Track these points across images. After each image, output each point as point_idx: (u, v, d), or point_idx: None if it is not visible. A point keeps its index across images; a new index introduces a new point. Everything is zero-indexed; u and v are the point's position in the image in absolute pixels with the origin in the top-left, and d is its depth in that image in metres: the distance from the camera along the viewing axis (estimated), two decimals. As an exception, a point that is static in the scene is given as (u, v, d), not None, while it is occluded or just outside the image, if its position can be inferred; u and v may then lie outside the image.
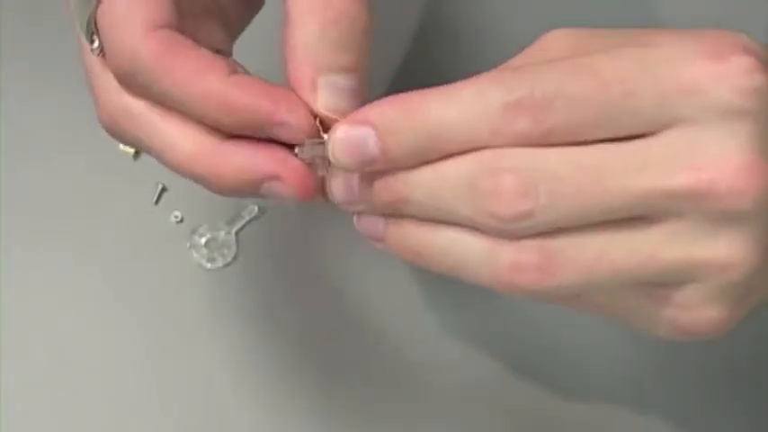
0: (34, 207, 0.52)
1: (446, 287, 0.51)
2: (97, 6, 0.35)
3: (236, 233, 0.52)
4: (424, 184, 0.33)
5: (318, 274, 0.52)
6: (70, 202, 0.52)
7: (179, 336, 0.50)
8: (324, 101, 0.33)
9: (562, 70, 0.31)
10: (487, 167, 0.31)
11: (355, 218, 0.35)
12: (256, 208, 0.52)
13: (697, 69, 0.31)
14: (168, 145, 0.35)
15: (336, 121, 0.33)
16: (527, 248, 0.32)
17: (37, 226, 0.52)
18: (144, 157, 0.53)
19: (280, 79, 0.34)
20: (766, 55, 0.32)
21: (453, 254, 0.33)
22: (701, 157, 0.31)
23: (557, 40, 0.34)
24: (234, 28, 0.39)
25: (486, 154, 0.31)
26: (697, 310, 0.33)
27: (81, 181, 0.53)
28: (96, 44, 0.35)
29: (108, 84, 0.35)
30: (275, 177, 0.34)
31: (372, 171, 0.33)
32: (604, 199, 0.31)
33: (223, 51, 0.37)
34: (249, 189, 0.34)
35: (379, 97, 0.33)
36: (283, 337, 0.50)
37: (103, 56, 0.35)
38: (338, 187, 0.34)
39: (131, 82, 0.34)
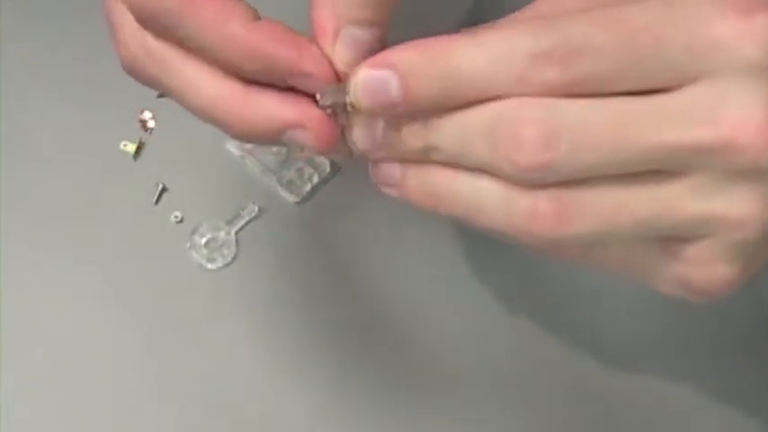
0: (34, 207, 0.52)
1: (449, 283, 0.51)
2: None
3: (236, 233, 0.52)
4: (447, 130, 0.33)
5: (318, 273, 0.52)
6: (70, 202, 0.52)
7: (179, 336, 0.50)
8: (342, 53, 0.34)
9: (592, 20, 0.31)
10: (510, 116, 0.31)
11: (371, 166, 0.35)
12: (256, 208, 0.52)
13: (725, 25, 0.31)
14: (190, 87, 0.34)
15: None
16: (545, 196, 0.32)
17: (37, 226, 0.52)
18: (144, 156, 0.53)
19: (302, 27, 0.34)
20: None
21: (471, 198, 0.33)
22: (725, 113, 0.31)
23: None
24: None
25: (510, 102, 0.31)
26: (708, 267, 0.33)
27: (81, 181, 0.53)
28: None
29: (131, 22, 0.35)
30: (299, 125, 0.34)
31: (394, 116, 0.33)
32: (626, 152, 0.31)
33: None
34: (271, 135, 0.34)
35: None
36: (283, 337, 0.50)
37: None
38: (359, 134, 0.34)
39: (154, 23, 0.34)
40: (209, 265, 0.51)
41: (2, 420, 0.49)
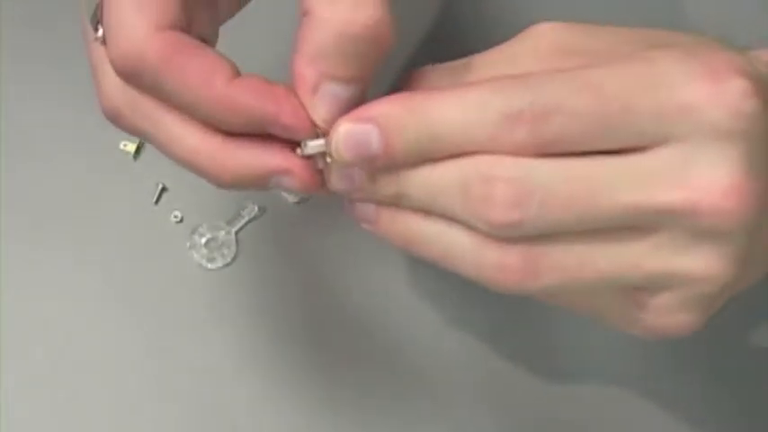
0: (34, 207, 0.52)
1: (448, 285, 0.51)
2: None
3: (236, 233, 0.52)
4: (421, 181, 0.33)
5: (318, 273, 0.52)
6: (70, 202, 0.52)
7: (179, 336, 0.50)
8: (321, 109, 0.34)
9: (563, 83, 0.32)
10: (482, 173, 0.32)
11: (345, 203, 0.36)
12: (256, 208, 0.52)
13: (694, 90, 0.31)
14: (172, 139, 0.35)
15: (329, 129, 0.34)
16: (513, 251, 0.33)
17: (37, 226, 0.52)
18: (144, 156, 0.53)
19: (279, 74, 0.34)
20: (762, 74, 0.32)
21: (442, 246, 0.34)
22: (692, 177, 0.31)
23: (543, 34, 0.34)
24: (222, 17, 0.39)
25: (483, 160, 0.32)
26: (668, 316, 0.34)
27: (81, 181, 0.53)
28: (101, 32, 0.35)
29: (113, 74, 0.35)
30: (283, 173, 0.34)
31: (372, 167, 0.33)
32: (594, 212, 0.32)
33: (210, 39, 0.37)
34: (256, 183, 0.35)
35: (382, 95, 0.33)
36: (283, 337, 0.50)
37: (105, 44, 0.35)
38: (337, 180, 0.35)
39: (135, 80, 0.34)
40: (209, 265, 0.51)
41: (2, 420, 0.49)
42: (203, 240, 0.52)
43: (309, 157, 0.34)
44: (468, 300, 0.51)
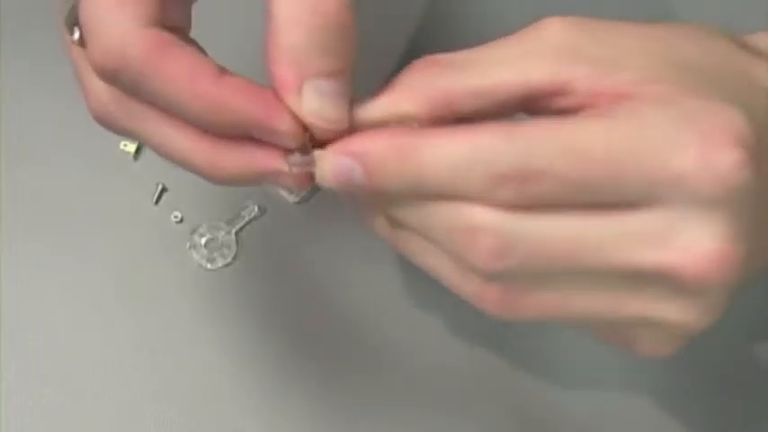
0: (34, 207, 0.52)
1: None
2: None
3: (236, 233, 0.52)
4: (407, 210, 0.34)
5: (318, 273, 0.52)
6: (70, 202, 0.52)
7: (179, 336, 0.50)
8: (309, 106, 0.33)
9: (551, 143, 0.31)
10: (467, 222, 0.32)
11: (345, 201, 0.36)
12: (256, 208, 0.52)
13: (685, 159, 0.31)
14: (164, 140, 0.34)
15: (322, 129, 0.33)
16: (493, 286, 0.33)
17: (37, 226, 0.52)
18: (144, 156, 0.53)
19: (257, 77, 0.34)
20: (759, 135, 0.32)
21: (430, 262, 0.35)
22: (677, 240, 0.31)
23: (553, 33, 0.33)
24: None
25: (468, 208, 0.32)
26: (643, 345, 0.35)
27: (81, 181, 0.53)
28: (77, 35, 0.35)
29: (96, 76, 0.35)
30: (276, 173, 0.34)
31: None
32: (578, 268, 0.32)
33: (184, 26, 0.36)
34: (251, 182, 0.35)
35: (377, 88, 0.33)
36: (283, 337, 0.50)
37: (83, 46, 0.34)
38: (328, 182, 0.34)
39: (117, 79, 0.34)
40: (209, 265, 0.51)
41: (2, 420, 0.49)
42: (203, 240, 0.52)
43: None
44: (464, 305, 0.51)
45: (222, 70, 0.33)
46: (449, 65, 0.34)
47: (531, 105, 0.34)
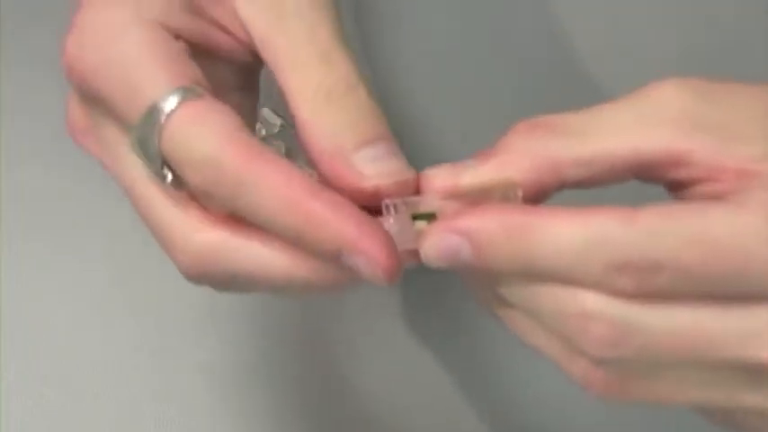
0: (35, 207, 0.52)
1: (448, 292, 0.51)
2: (162, 130, 0.32)
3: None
4: (517, 292, 0.32)
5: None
6: (70, 202, 0.52)
7: (179, 336, 0.50)
8: (369, 175, 0.33)
9: (675, 233, 0.30)
10: (581, 308, 0.31)
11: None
12: (256, 208, 0.52)
13: None
14: (266, 266, 0.33)
15: (392, 187, 0.33)
16: (602, 370, 0.32)
17: (37, 226, 0.52)
18: (144, 157, 0.53)
19: None
20: None
21: (539, 342, 0.33)
22: None
23: (669, 100, 0.32)
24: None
25: (583, 296, 0.31)
26: (750, 427, 0.33)
27: (81, 181, 0.53)
28: (170, 177, 0.33)
29: (185, 224, 0.34)
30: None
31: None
32: (693, 361, 0.31)
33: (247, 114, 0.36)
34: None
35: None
36: (283, 337, 0.50)
37: (180, 188, 0.33)
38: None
39: (215, 195, 0.32)
40: (209, 265, 0.51)
41: (2, 420, 0.49)
42: (203, 240, 0.52)
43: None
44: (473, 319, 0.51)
45: (316, 180, 0.32)
46: (554, 129, 0.33)
47: (644, 174, 0.32)
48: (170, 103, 0.32)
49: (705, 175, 0.31)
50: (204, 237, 0.33)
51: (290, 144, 0.37)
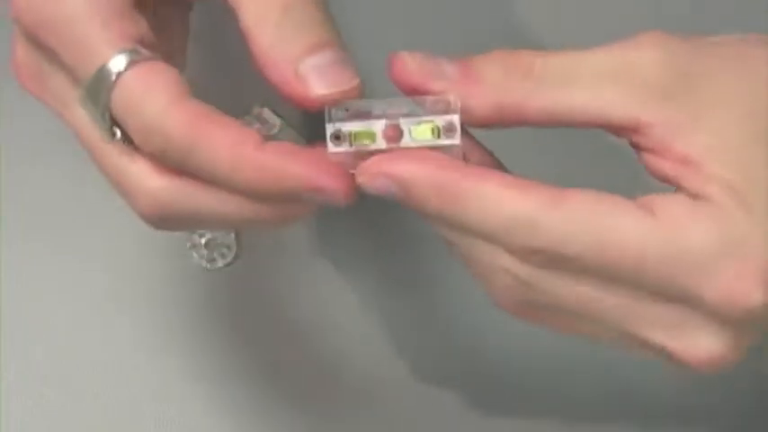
0: (34, 207, 0.52)
1: (447, 291, 0.51)
2: (110, 93, 0.33)
3: (236, 233, 0.52)
4: (444, 231, 0.35)
5: (319, 273, 0.52)
6: (70, 202, 0.52)
7: (179, 336, 0.50)
8: (315, 85, 0.33)
9: (589, 238, 0.32)
10: (498, 264, 0.33)
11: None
12: (256, 208, 0.52)
13: (715, 288, 0.31)
14: (220, 207, 0.34)
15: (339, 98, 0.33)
16: (513, 301, 0.35)
17: (37, 226, 0.52)
18: (144, 157, 0.53)
19: None
20: None
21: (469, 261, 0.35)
22: (684, 335, 0.33)
23: (648, 60, 0.33)
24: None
25: (500, 254, 0.33)
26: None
27: (81, 181, 0.53)
28: (119, 134, 0.34)
29: (139, 171, 0.34)
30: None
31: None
32: (589, 319, 0.34)
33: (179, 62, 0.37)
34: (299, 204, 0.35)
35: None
36: (283, 337, 0.50)
37: (130, 142, 0.34)
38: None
39: (165, 159, 0.33)
40: (209, 266, 0.51)
41: (2, 420, 0.49)
42: (203, 240, 0.52)
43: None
44: (469, 312, 0.51)
45: (262, 136, 0.33)
46: (530, 71, 0.34)
47: (605, 128, 0.34)
48: (118, 65, 0.33)
49: (656, 148, 0.33)
50: (158, 182, 0.34)
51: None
